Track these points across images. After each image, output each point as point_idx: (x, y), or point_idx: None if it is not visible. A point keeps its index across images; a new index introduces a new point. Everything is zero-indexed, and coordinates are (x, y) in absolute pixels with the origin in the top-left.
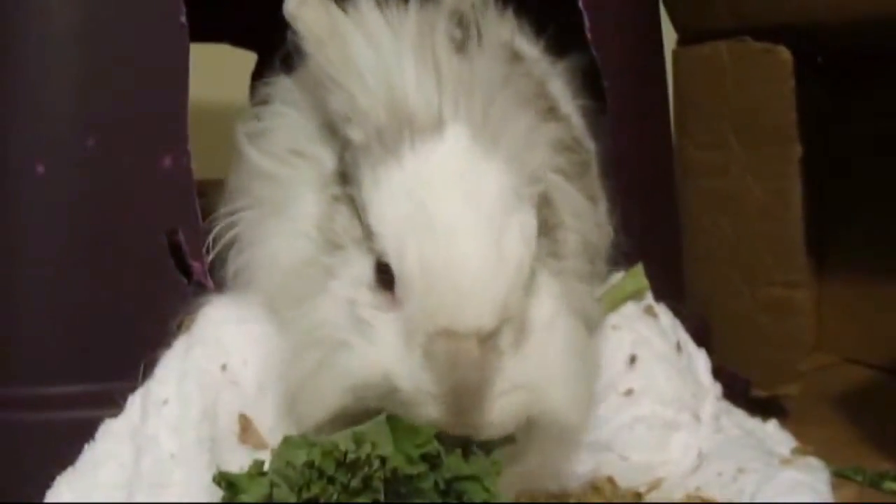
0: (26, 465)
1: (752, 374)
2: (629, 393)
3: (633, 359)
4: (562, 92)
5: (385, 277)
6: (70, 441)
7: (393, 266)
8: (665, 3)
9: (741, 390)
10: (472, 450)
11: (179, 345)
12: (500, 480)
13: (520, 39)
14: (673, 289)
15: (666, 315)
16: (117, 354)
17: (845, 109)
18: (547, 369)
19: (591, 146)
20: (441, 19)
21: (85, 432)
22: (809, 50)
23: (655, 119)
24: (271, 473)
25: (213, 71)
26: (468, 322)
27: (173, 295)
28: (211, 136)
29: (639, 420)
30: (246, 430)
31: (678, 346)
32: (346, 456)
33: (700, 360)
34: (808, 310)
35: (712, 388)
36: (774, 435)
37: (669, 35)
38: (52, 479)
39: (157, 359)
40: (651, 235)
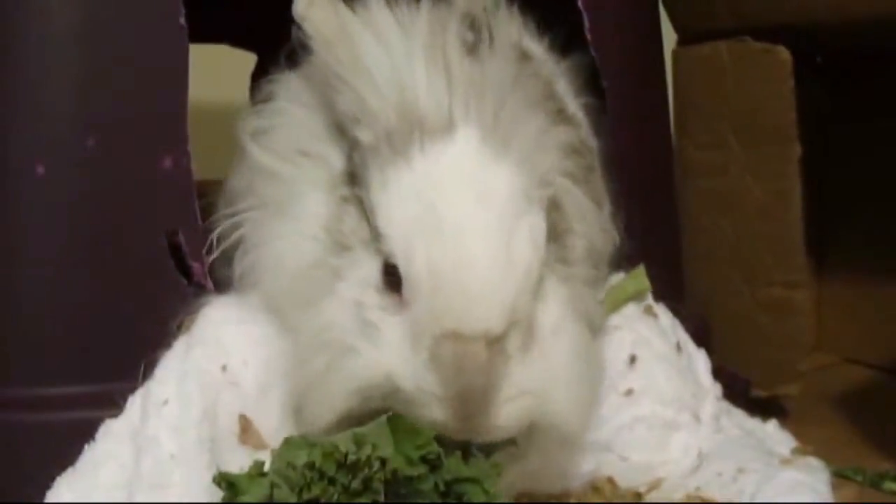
0: (26, 466)
1: (752, 374)
2: (629, 393)
3: (633, 359)
4: (567, 91)
5: (393, 279)
6: (70, 442)
7: (401, 268)
8: (665, 3)
9: (741, 390)
10: (473, 452)
11: (179, 345)
12: (501, 481)
13: (527, 39)
14: (673, 289)
15: (666, 315)
16: (117, 355)
17: (845, 109)
18: (553, 376)
19: (595, 145)
20: (452, 21)
21: (85, 433)
22: (809, 50)
23: (655, 119)
24: (272, 474)
25: (213, 71)
26: (475, 325)
27: (173, 295)
28: (211, 137)
29: (639, 420)
30: (246, 431)
31: (678, 347)
32: (347, 457)
33: (700, 361)
34: (808, 310)
35: (712, 389)
36: (774, 435)
37: (669, 35)
38: (53, 480)
39: (158, 359)
40: (651, 236)
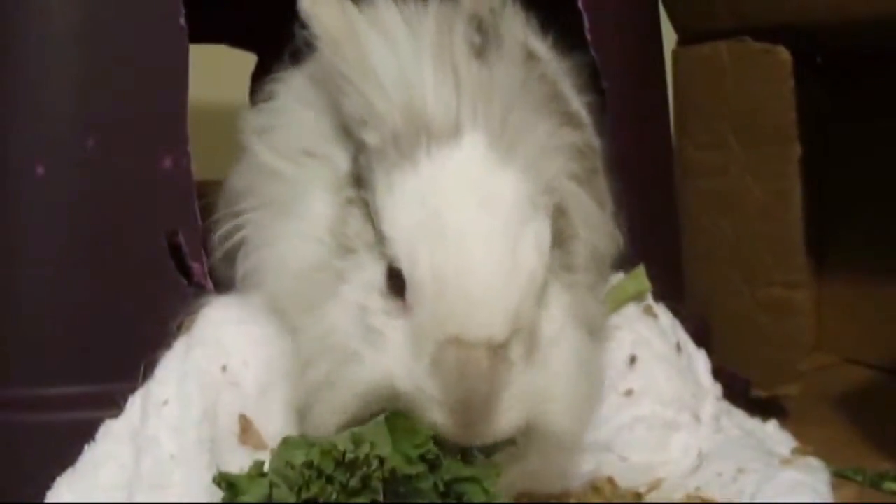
0: (26, 466)
1: (752, 374)
2: (629, 393)
3: (633, 359)
4: (572, 91)
5: (396, 283)
6: (70, 442)
7: (404, 272)
8: (665, 4)
9: (741, 390)
10: (472, 452)
11: (179, 346)
12: (501, 481)
13: (532, 38)
14: (673, 289)
15: (666, 315)
16: (117, 355)
17: (845, 109)
18: (553, 385)
19: (598, 144)
20: (460, 22)
21: (85, 433)
22: (809, 50)
23: (655, 119)
24: (271, 474)
25: (213, 71)
26: (478, 331)
27: (173, 296)
28: (211, 137)
29: (639, 420)
30: (246, 431)
31: (678, 347)
32: (345, 456)
33: (700, 361)
34: (808, 310)
35: (712, 389)
36: (774, 435)
37: (669, 35)
38: (53, 480)
39: (158, 360)
40: (651, 236)
